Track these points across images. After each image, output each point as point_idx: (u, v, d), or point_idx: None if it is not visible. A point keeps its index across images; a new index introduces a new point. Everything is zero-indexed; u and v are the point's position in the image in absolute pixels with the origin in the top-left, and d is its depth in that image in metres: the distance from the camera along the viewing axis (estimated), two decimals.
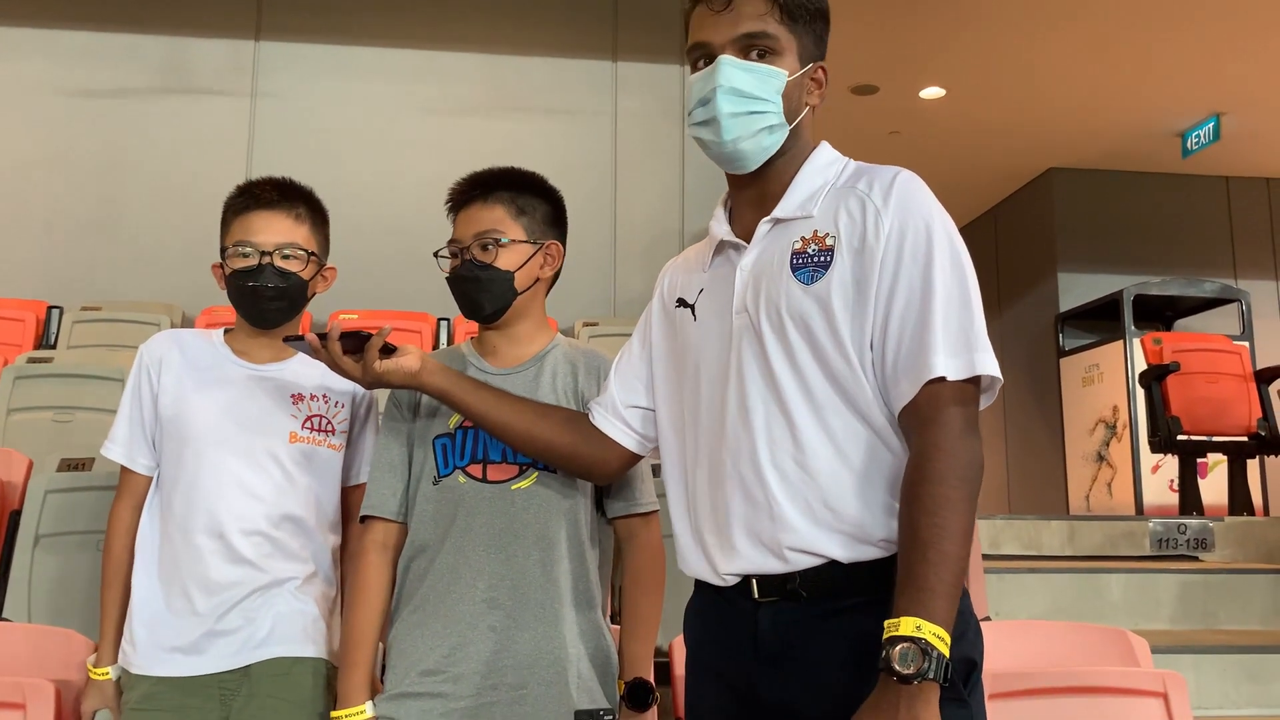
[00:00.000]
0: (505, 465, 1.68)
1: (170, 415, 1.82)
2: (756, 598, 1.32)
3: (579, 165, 5.51)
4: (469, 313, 1.76)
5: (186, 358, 1.85)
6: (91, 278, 5.18)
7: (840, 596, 1.27)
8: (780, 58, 1.37)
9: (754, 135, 1.37)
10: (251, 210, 1.82)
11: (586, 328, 4.89)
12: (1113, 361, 7.18)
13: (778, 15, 1.37)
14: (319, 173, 5.51)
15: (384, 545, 1.72)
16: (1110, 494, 7.12)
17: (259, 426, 1.81)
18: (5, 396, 3.46)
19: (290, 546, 1.80)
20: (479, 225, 1.72)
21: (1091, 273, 7.97)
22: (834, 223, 1.34)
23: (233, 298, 1.83)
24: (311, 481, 1.83)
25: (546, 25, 5.81)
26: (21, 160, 5.30)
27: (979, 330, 1.27)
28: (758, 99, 1.36)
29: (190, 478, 1.78)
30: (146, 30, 5.52)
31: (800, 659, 1.28)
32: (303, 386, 1.86)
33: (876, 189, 1.33)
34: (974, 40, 6.24)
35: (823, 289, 1.31)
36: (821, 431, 1.30)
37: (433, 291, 4.85)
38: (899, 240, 1.29)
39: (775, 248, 1.38)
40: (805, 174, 1.40)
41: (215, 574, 1.75)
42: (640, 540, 1.76)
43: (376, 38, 5.69)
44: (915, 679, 1.11)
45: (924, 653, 1.12)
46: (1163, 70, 6.56)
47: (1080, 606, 3.47)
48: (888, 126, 7.38)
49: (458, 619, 1.63)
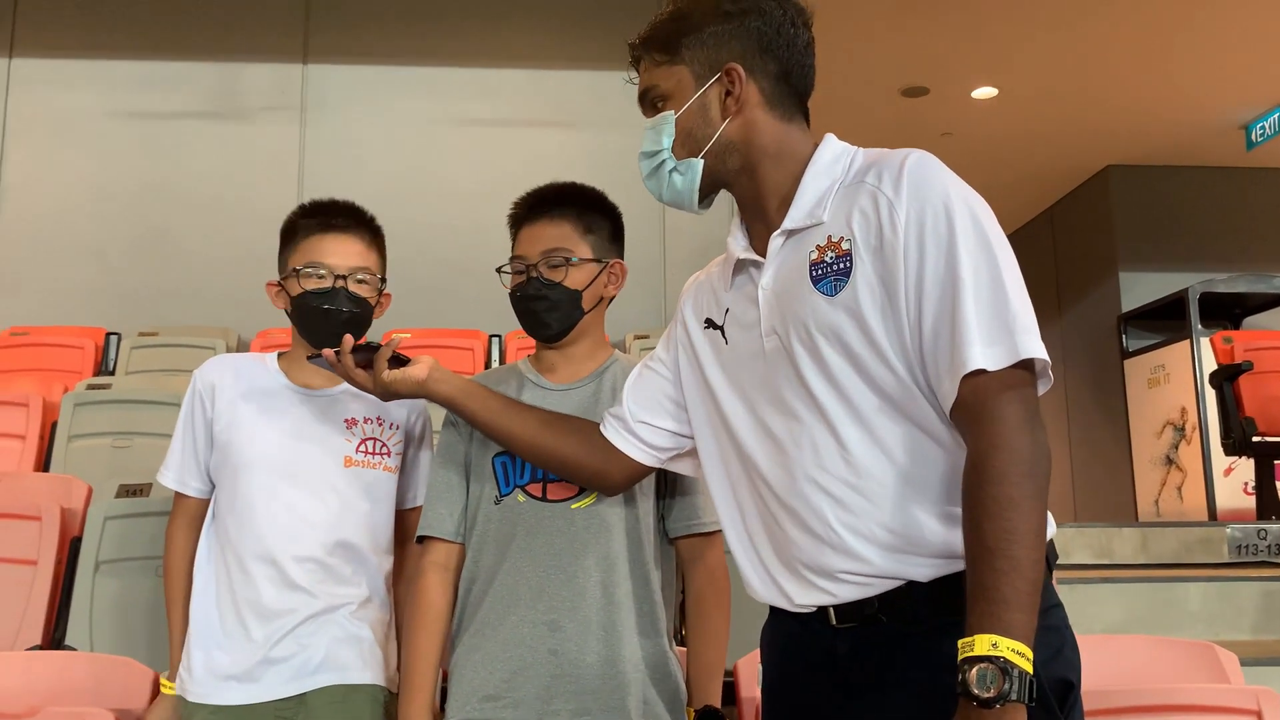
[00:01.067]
0: (565, 484, 1.64)
1: (224, 440, 1.81)
2: (834, 624, 1.25)
3: (626, 177, 5.45)
4: (533, 331, 1.73)
5: (240, 383, 1.85)
6: (148, 303, 5.25)
7: (922, 619, 1.20)
8: (671, 100, 1.37)
9: (667, 184, 1.38)
10: (325, 232, 1.82)
11: (637, 340, 4.86)
12: (1179, 362, 6.99)
13: (655, 58, 1.38)
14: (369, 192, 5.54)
15: (443, 566, 1.69)
16: (1181, 499, 6.92)
17: (313, 452, 1.80)
18: (66, 423, 3.49)
19: (344, 572, 1.78)
20: (546, 243, 1.70)
21: (1154, 271, 7.78)
22: (847, 225, 1.26)
23: (299, 317, 1.82)
24: (367, 506, 1.82)
25: (589, 38, 5.79)
26: (78, 189, 5.40)
27: (1019, 311, 1.16)
28: (653, 153, 1.37)
29: (244, 504, 1.78)
30: (196, 57, 5.60)
31: (882, 686, 1.22)
32: (356, 410, 1.85)
33: (886, 179, 1.24)
34: (1026, 38, 6.13)
35: (849, 298, 1.23)
36: (873, 447, 1.23)
37: (484, 308, 4.91)
38: (918, 229, 1.20)
39: (792, 261, 1.31)
40: (809, 178, 1.32)
41: (269, 600, 1.74)
42: (704, 561, 1.72)
43: (422, 56, 5.72)
44: (997, 702, 1.03)
45: (1003, 672, 1.03)
46: (1224, 61, 6.38)
47: (1157, 617, 3.34)
48: (939, 129, 7.27)
49: (517, 642, 1.60)
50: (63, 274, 5.30)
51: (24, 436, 3.53)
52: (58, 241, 5.34)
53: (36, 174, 5.42)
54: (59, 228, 5.35)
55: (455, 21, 5.75)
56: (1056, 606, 1.22)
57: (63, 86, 5.52)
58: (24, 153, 5.44)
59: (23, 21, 5.57)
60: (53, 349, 4.68)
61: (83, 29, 5.57)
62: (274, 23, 5.67)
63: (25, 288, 5.27)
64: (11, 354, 4.64)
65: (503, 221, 1.81)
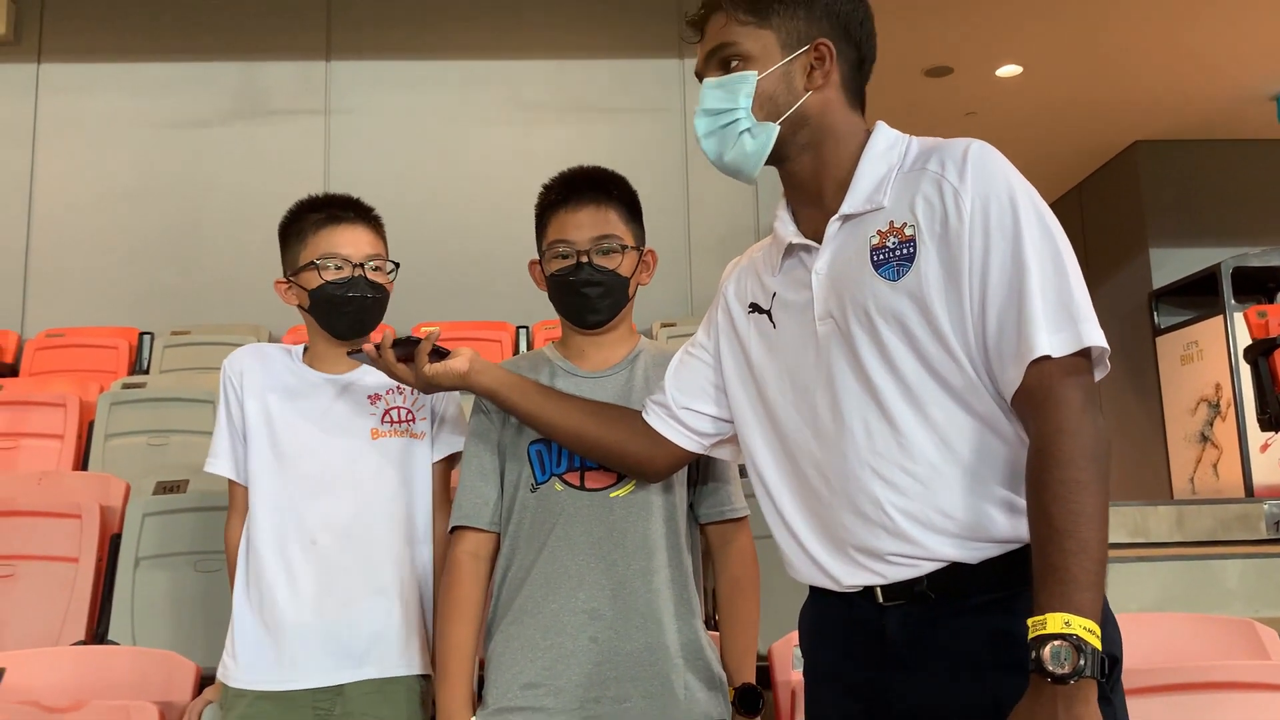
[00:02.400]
0: (602, 473, 1.65)
1: (255, 425, 1.84)
2: (881, 602, 1.27)
3: (650, 164, 5.48)
4: (581, 317, 1.73)
5: (268, 370, 1.89)
6: (179, 302, 5.30)
7: (969, 595, 1.22)
8: (751, 61, 1.34)
9: (734, 145, 1.35)
10: (335, 224, 1.85)
11: (664, 328, 4.86)
12: (1213, 337, 6.90)
13: (740, 18, 1.35)
14: (394, 187, 5.59)
15: (475, 555, 1.70)
16: (1216, 475, 6.84)
17: (342, 432, 1.83)
18: (103, 422, 3.54)
19: (381, 553, 1.79)
20: (598, 228, 1.70)
21: (1185, 247, 7.68)
22: (910, 210, 1.27)
23: (324, 308, 1.84)
24: (399, 482, 1.83)
25: (610, 27, 5.79)
26: (108, 191, 5.45)
27: (1080, 300, 1.19)
28: (725, 111, 1.35)
29: (276, 489, 1.80)
30: (221, 57, 5.64)
31: (932, 660, 1.23)
32: (378, 386, 1.87)
33: (950, 166, 1.26)
34: (1050, 14, 6.05)
35: (912, 283, 1.25)
36: (928, 430, 1.24)
37: (511, 300, 4.93)
38: (983, 217, 1.22)
39: (850, 245, 1.32)
40: (866, 163, 1.33)
41: (306, 586, 1.75)
42: (735, 546, 1.74)
43: (444, 50, 5.73)
44: (1072, 678, 1.06)
45: (1077, 649, 1.07)
46: (1252, 32, 6.28)
47: (1195, 595, 3.31)
48: (964, 108, 7.20)
49: (558, 630, 1.60)
50: (95, 275, 5.36)
51: (62, 436, 3.59)
52: (89, 243, 5.40)
53: (67, 177, 5.48)
54: (90, 230, 5.41)
55: (476, 14, 5.76)
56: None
57: (91, 90, 5.57)
58: (54, 156, 5.50)
59: (50, 28, 5.62)
60: (87, 350, 4.75)
61: (108, 33, 5.62)
62: (296, 21, 5.70)
63: (58, 290, 5.34)
64: (48, 355, 4.71)
65: (528, 213, 1.81)
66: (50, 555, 2.58)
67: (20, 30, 5.60)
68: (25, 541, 2.60)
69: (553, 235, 1.72)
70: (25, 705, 1.84)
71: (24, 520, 2.63)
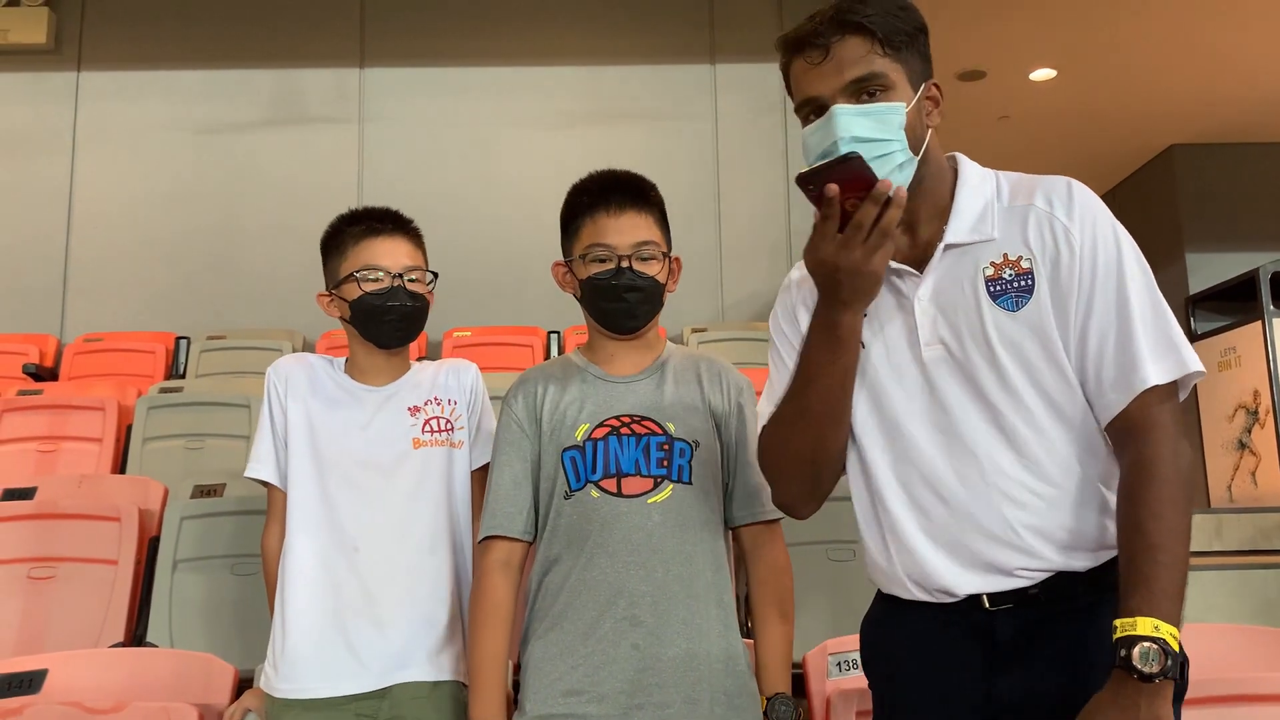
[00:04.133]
0: (640, 478, 1.65)
1: (297, 432, 1.87)
2: (989, 608, 1.32)
3: (682, 170, 5.49)
4: (619, 322, 1.72)
5: (312, 378, 1.92)
6: (215, 307, 5.37)
7: (1076, 597, 1.30)
8: (893, 91, 1.32)
9: (887, 177, 1.28)
10: (374, 237, 1.88)
11: (695, 334, 4.85)
12: (1251, 343, 6.81)
13: (880, 49, 1.32)
14: (427, 193, 5.61)
15: (507, 564, 1.70)
16: (1255, 483, 6.75)
17: (384, 441, 1.86)
18: (140, 426, 3.59)
19: (423, 564, 1.81)
20: (638, 234, 1.70)
21: (1222, 251, 7.59)
22: (1024, 244, 1.33)
23: (362, 319, 1.87)
24: (440, 490, 1.86)
25: (643, 32, 5.80)
26: (145, 198, 5.53)
27: (1177, 330, 1.29)
28: (881, 140, 1.29)
29: (317, 496, 1.82)
30: (256, 65, 5.71)
31: (1040, 658, 1.29)
32: (416, 397, 1.91)
33: (1058, 205, 1.33)
34: (1085, 17, 6.00)
35: (1032, 314, 1.31)
36: (1048, 452, 1.31)
37: (543, 305, 4.95)
38: (1091, 254, 1.30)
39: (957, 274, 1.35)
40: (964, 195, 1.38)
41: (348, 593, 1.77)
42: (769, 550, 1.73)
43: (476, 57, 5.77)
44: (1157, 677, 1.15)
45: (1165, 652, 1.15)
46: None
47: (1234, 606, 3.27)
48: (997, 112, 7.15)
49: (599, 638, 1.60)
50: (132, 280, 5.44)
51: (101, 440, 3.64)
52: (127, 249, 5.48)
53: (106, 184, 5.57)
54: (127, 235, 5.49)
55: (509, 21, 5.79)
56: None
57: (129, 98, 5.66)
58: (93, 163, 5.59)
59: (90, 36, 5.71)
60: (125, 354, 4.82)
61: (147, 41, 5.71)
62: (331, 29, 5.76)
63: (97, 295, 5.42)
64: (86, 359, 4.78)
65: (559, 219, 1.80)
66: (90, 558, 2.62)
67: (60, 39, 5.69)
68: (65, 544, 2.63)
69: (590, 238, 1.71)
70: (68, 706, 1.86)
71: (64, 523, 2.66)
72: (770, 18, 5.74)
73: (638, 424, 1.69)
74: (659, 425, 1.68)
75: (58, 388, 4.33)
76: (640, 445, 1.66)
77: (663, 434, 1.67)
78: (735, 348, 4.62)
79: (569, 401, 1.71)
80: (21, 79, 5.67)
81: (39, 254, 5.46)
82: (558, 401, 1.72)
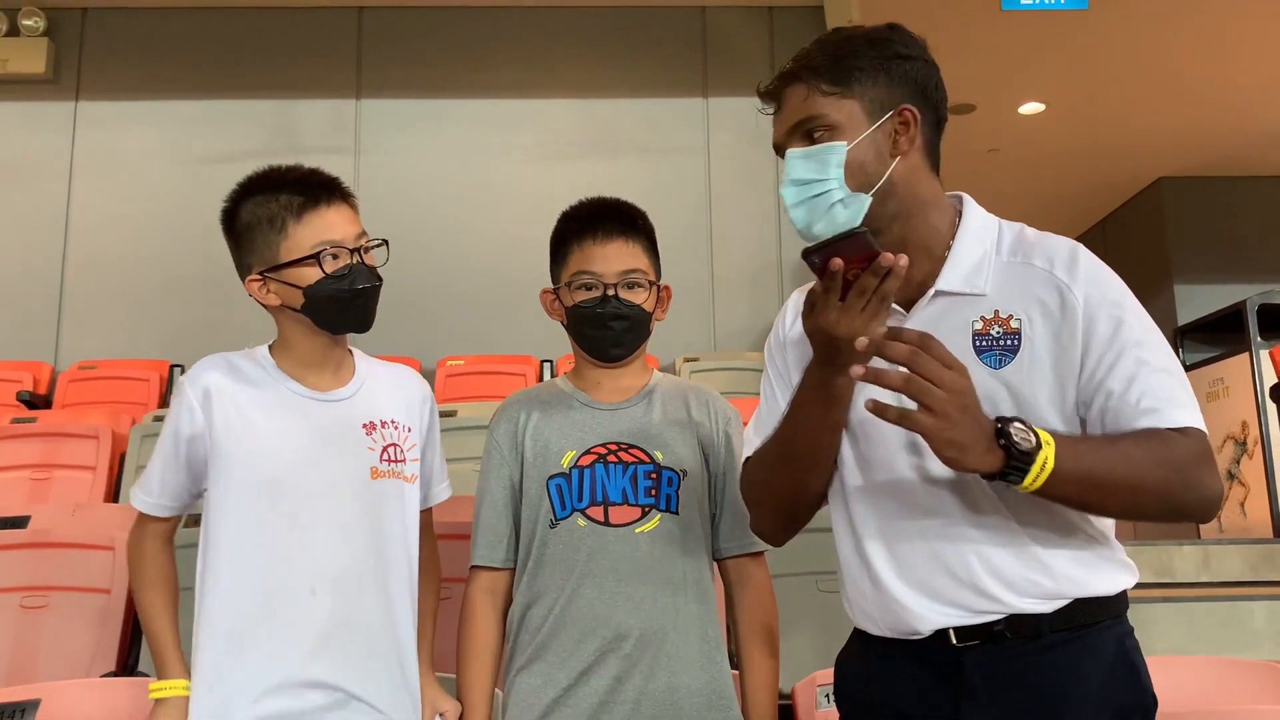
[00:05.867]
0: (627, 507, 1.64)
1: (231, 453, 1.61)
2: (955, 643, 1.31)
3: (675, 201, 5.53)
4: (604, 350, 1.71)
5: (242, 388, 1.66)
6: (209, 336, 5.34)
7: (1042, 635, 1.29)
8: (837, 131, 1.33)
9: (825, 215, 1.33)
10: (319, 207, 1.65)
11: (687, 363, 4.88)
12: (1239, 375, 6.84)
13: (820, 91, 1.34)
14: (422, 223, 5.63)
15: (491, 591, 1.70)
16: (1244, 514, 6.76)
17: (339, 462, 1.63)
18: (134, 454, 3.59)
19: (380, 596, 1.63)
20: (625, 262, 1.69)
21: (1210, 283, 7.64)
22: (1018, 304, 1.32)
23: (320, 307, 1.62)
24: (399, 520, 1.67)
25: (636, 66, 5.87)
26: (141, 227, 5.56)
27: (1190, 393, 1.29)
28: (817, 180, 1.33)
29: (267, 526, 1.60)
30: (253, 95, 5.75)
31: (1006, 693, 1.29)
32: (371, 413, 1.68)
33: (1059, 266, 1.33)
34: (1073, 51, 6.08)
35: (1012, 374, 1.30)
36: (1015, 504, 1.30)
37: (535, 334, 4.97)
38: (1098, 309, 1.30)
39: (944, 323, 1.33)
40: (962, 242, 1.37)
41: (305, 631, 1.58)
42: (755, 582, 1.73)
43: (471, 89, 5.82)
44: (1014, 456, 1.17)
45: (1031, 448, 1.17)
46: (1276, 67, 6.28)
47: (1221, 637, 3.28)
48: (986, 145, 7.22)
49: (582, 669, 1.59)
50: (127, 308, 5.46)
51: (94, 468, 3.64)
52: (122, 277, 5.50)
53: (102, 212, 5.59)
54: (124, 264, 5.51)
55: (504, 54, 5.85)
56: (1130, 634, 1.34)
57: (127, 127, 5.70)
58: (90, 191, 5.62)
59: (88, 66, 5.76)
60: (119, 382, 4.83)
61: (145, 71, 5.76)
62: (328, 60, 5.81)
63: (91, 323, 5.43)
64: (80, 387, 4.79)
65: None
66: (83, 586, 2.61)
67: (59, 69, 5.74)
68: (58, 572, 2.62)
69: (576, 265, 1.70)
70: None
71: (57, 551, 2.66)
72: (762, 52, 5.81)
73: (625, 451, 1.67)
74: (646, 453, 1.67)
75: (51, 415, 4.33)
76: (628, 474, 1.65)
77: (650, 462, 1.66)
78: (727, 377, 4.64)
79: (554, 428, 1.70)
80: (20, 108, 5.71)
81: (34, 281, 5.48)
82: (541, 428, 1.71)
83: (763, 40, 5.85)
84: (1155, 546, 4.09)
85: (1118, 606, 1.33)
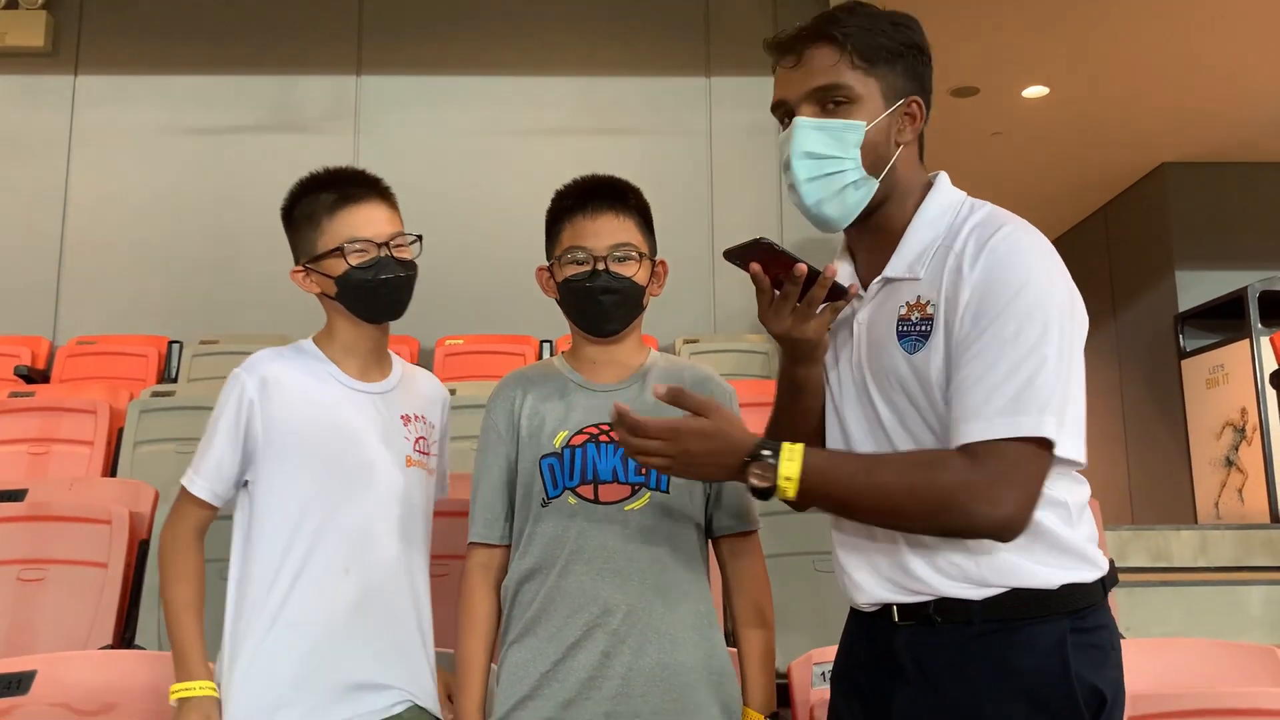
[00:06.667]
0: (617, 485, 1.64)
1: (287, 438, 1.71)
2: (896, 621, 1.32)
3: (676, 182, 5.51)
4: (595, 325, 1.72)
5: (297, 380, 1.75)
6: (208, 312, 5.37)
7: (973, 624, 1.27)
8: (857, 106, 1.31)
9: (837, 195, 1.32)
10: (352, 205, 1.76)
11: (687, 345, 4.87)
12: (1239, 362, 6.85)
13: (850, 62, 1.31)
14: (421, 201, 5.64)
15: (487, 568, 1.71)
16: (1242, 500, 6.78)
17: (381, 449, 1.74)
18: (132, 430, 3.59)
19: (410, 580, 1.75)
20: (615, 236, 1.69)
21: (1212, 270, 7.63)
22: (935, 290, 1.29)
23: (351, 294, 1.73)
24: (420, 512, 1.79)
25: (638, 45, 5.83)
26: (140, 202, 5.54)
27: (1037, 391, 1.20)
28: (834, 158, 1.30)
29: (312, 511, 1.69)
30: (253, 71, 5.73)
31: (931, 678, 1.28)
32: (407, 406, 1.80)
33: (969, 250, 1.27)
34: (1078, 35, 6.05)
35: (921, 360, 1.29)
36: None
37: (535, 314, 4.96)
38: (976, 301, 1.24)
39: (885, 308, 1.35)
40: (916, 226, 1.35)
41: (344, 614, 1.67)
42: (749, 560, 1.73)
43: (472, 67, 5.79)
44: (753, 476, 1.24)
45: (769, 480, 1.23)
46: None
47: (1218, 621, 3.30)
48: (989, 128, 7.19)
49: (571, 645, 1.60)
50: (126, 284, 5.44)
51: (92, 442, 3.64)
52: (120, 252, 5.49)
53: (101, 187, 5.57)
54: (122, 239, 5.50)
55: (505, 31, 5.82)
56: (1103, 628, 1.28)
57: (126, 102, 5.67)
58: (88, 167, 5.60)
59: (87, 41, 5.73)
60: (117, 357, 4.82)
61: (145, 46, 5.72)
62: (328, 36, 5.78)
63: (90, 298, 5.42)
64: (79, 362, 4.78)
65: None
66: (80, 560, 2.62)
67: (58, 43, 5.70)
68: (55, 546, 2.63)
69: (568, 241, 1.70)
70: (56, 708, 1.86)
71: (55, 525, 2.67)
72: (765, 32, 5.67)
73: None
74: None
75: (49, 390, 4.33)
76: (619, 452, 1.64)
77: None
78: (727, 359, 4.64)
79: (548, 409, 1.71)
80: (18, 81, 5.68)
81: (33, 256, 5.46)
82: (536, 408, 1.71)
83: (766, 19, 5.81)
84: (1153, 531, 4.10)
85: (1064, 602, 1.25)
